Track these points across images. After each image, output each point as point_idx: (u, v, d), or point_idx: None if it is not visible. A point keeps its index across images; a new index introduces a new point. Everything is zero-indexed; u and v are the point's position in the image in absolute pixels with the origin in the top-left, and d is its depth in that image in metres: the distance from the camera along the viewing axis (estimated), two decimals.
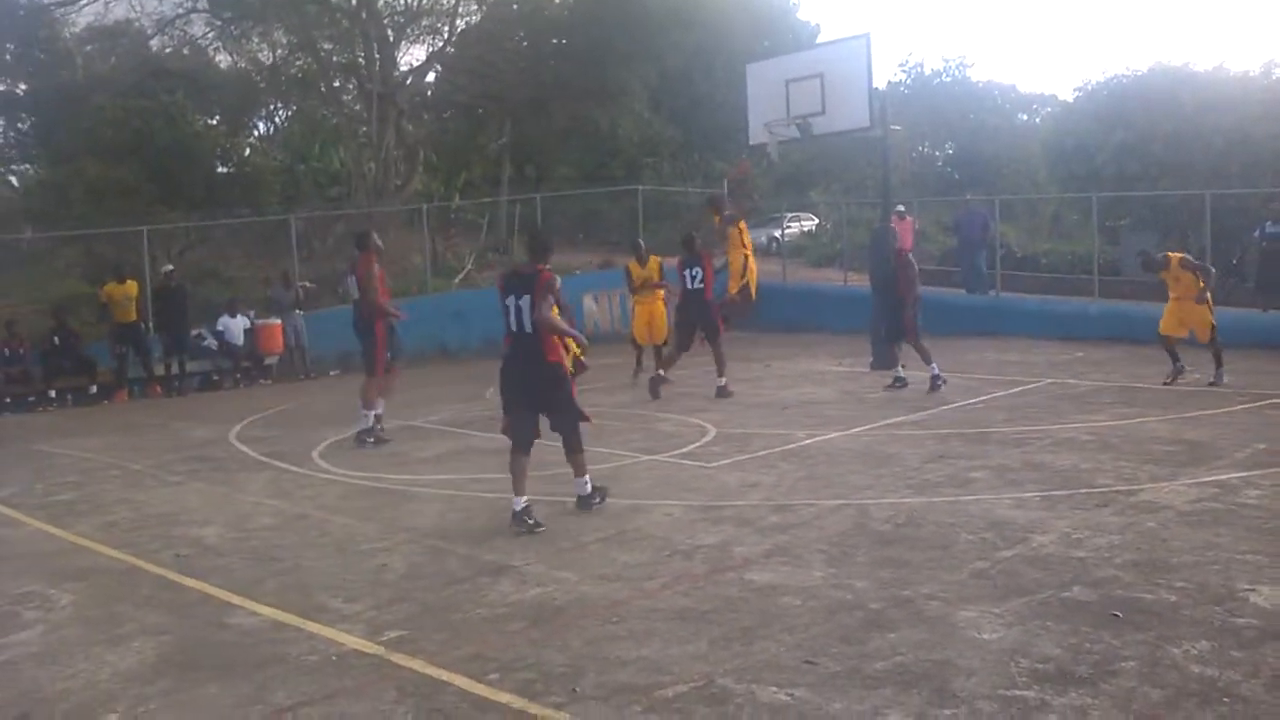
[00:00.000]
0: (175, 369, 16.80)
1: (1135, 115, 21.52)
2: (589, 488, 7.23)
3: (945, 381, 11.91)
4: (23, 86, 27.54)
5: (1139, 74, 23.55)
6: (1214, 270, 12.33)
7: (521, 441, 7.11)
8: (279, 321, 17.90)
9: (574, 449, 7.17)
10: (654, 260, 14.25)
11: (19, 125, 29.74)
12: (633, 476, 8.29)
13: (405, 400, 13.79)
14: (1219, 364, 11.65)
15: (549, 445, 7.34)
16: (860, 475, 7.85)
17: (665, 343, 13.76)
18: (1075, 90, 26.67)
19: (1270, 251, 15.68)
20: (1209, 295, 11.71)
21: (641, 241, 14.88)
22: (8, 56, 25.07)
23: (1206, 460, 7.80)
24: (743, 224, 13.32)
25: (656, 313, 14.06)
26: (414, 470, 9.02)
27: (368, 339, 10.78)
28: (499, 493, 7.84)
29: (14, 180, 29.70)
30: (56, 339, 16.01)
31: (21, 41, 23.82)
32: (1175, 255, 12.04)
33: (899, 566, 5.55)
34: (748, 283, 12.89)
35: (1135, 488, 7.06)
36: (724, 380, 12.46)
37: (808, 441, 9.33)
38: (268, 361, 17.99)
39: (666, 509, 7.10)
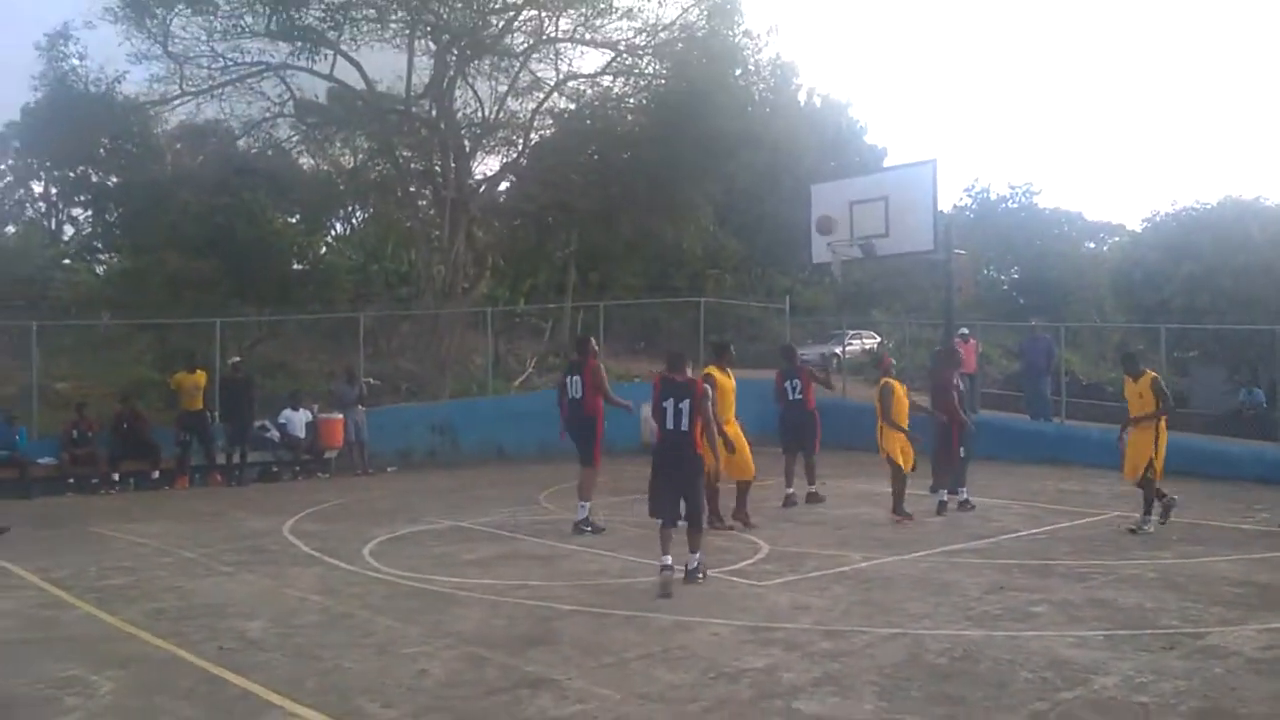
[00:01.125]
0: (237, 459, 17.03)
1: (1204, 248, 21.43)
2: (696, 563, 8.37)
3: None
4: (113, 179, 28.75)
5: (1208, 206, 23.55)
6: (1172, 405, 11.45)
7: (670, 517, 8.39)
8: (341, 416, 18.12)
9: (697, 528, 8.42)
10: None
11: (106, 216, 30.98)
12: (682, 592, 8.13)
13: (456, 501, 13.88)
14: (1147, 509, 10.84)
15: (589, 552, 7.27)
16: (917, 603, 7.63)
17: None
18: (1143, 220, 26.77)
19: None
20: (1160, 428, 10.81)
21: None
22: (102, 151, 26.20)
23: (1278, 605, 7.47)
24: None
25: None
26: (461, 573, 8.96)
27: (589, 433, 11.37)
28: (542, 600, 7.77)
29: (98, 270, 30.75)
30: (125, 424, 16.34)
31: (115, 136, 24.91)
32: (1151, 373, 11.20)
33: (954, 704, 5.33)
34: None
35: (1202, 630, 6.78)
36: (815, 486, 13.09)
37: (863, 565, 9.13)
38: (327, 455, 18.19)
39: (714, 628, 6.94)
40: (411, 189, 25.03)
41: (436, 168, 23.60)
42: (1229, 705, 5.28)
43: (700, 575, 8.35)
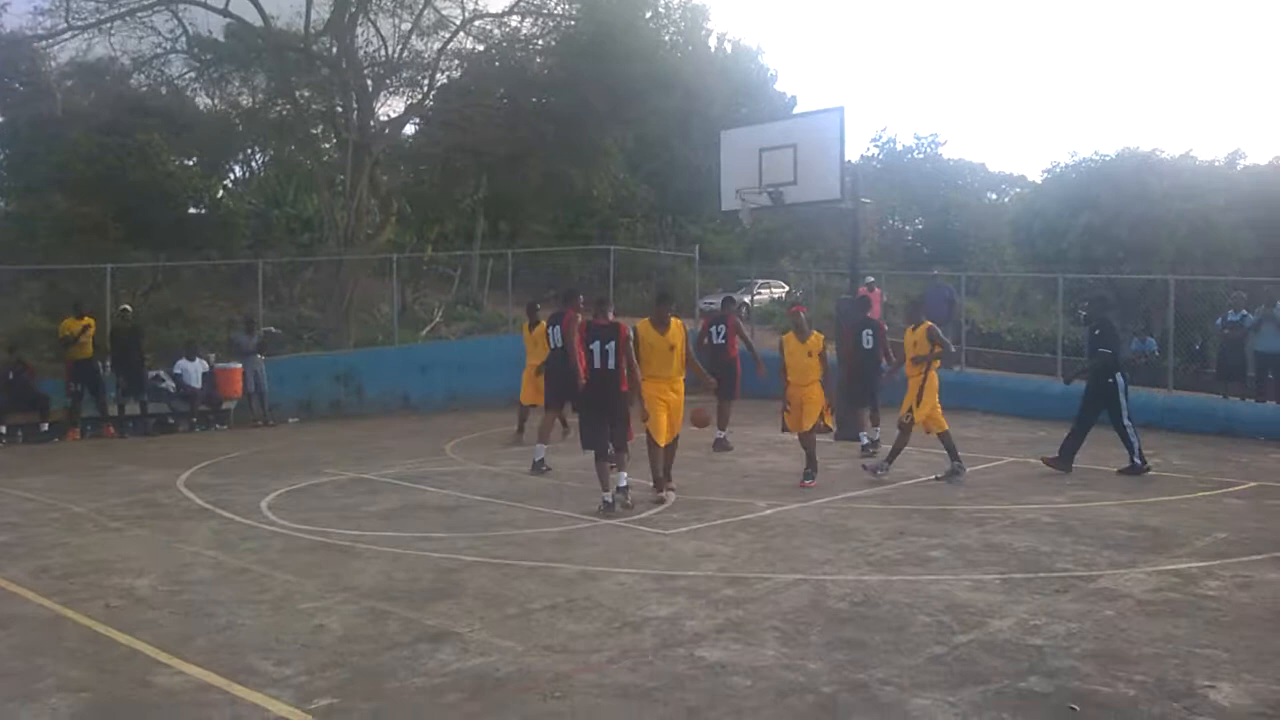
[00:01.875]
0: (134, 410, 16.46)
1: (1102, 199, 21.92)
2: (624, 480, 9.38)
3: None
4: None
5: (1107, 158, 24.02)
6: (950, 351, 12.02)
7: (601, 448, 9.30)
8: (239, 366, 17.59)
9: (622, 450, 9.43)
10: (542, 326, 13.62)
11: None
12: (587, 541, 8.11)
13: (360, 453, 13.62)
14: (953, 455, 11.04)
15: (495, 503, 7.16)
16: (819, 549, 7.72)
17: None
18: (1044, 172, 27.21)
19: (1231, 340, 15.84)
20: (930, 378, 11.06)
21: (538, 304, 15.29)
22: None
23: (1167, 548, 7.74)
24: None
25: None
26: (362, 526, 8.78)
27: (558, 379, 12.13)
28: (445, 552, 7.66)
29: None
30: (11, 375, 15.63)
31: (0, 73, 23.54)
32: (928, 322, 11.41)
33: (854, 648, 5.39)
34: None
35: (1094, 574, 6.97)
36: (724, 433, 13.39)
37: (768, 512, 9.19)
38: (225, 406, 17.66)
39: (619, 578, 6.92)
40: (313, 131, 24.25)
41: (339, 109, 22.89)
42: (1118, 647, 5.43)
43: (625, 499, 9.30)
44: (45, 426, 15.67)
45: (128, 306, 17.87)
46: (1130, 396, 11.44)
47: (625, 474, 9.49)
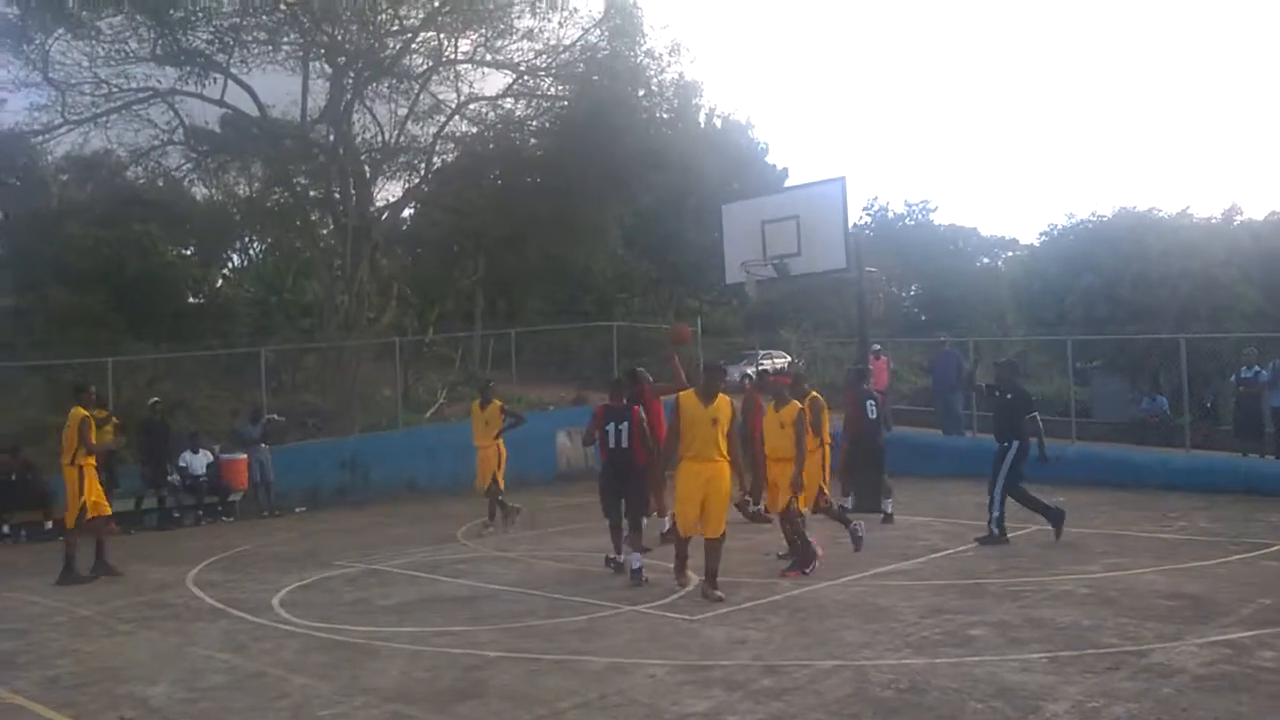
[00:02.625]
0: (150, 503, 16.30)
1: (1101, 259, 21.92)
2: (638, 562, 9.58)
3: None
4: None
5: (1104, 219, 24.11)
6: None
7: (616, 515, 9.96)
8: (244, 457, 17.37)
9: (636, 529, 9.86)
10: (495, 405, 14.06)
11: None
12: (612, 630, 7.84)
13: (369, 542, 13.38)
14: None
15: (514, 591, 6.91)
16: (854, 631, 7.45)
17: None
18: (1041, 234, 27.26)
19: (1246, 396, 15.70)
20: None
21: (491, 383, 15.12)
22: None
23: (1212, 616, 7.49)
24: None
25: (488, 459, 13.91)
26: (377, 620, 8.51)
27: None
28: (466, 648, 7.39)
29: None
30: (13, 474, 15.40)
31: None
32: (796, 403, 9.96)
33: None
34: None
35: (1143, 648, 6.72)
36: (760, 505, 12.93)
37: (795, 592, 8.93)
38: (231, 498, 17.39)
39: (650, 669, 6.65)
40: (311, 217, 24.32)
41: (336, 195, 22.97)
42: None
43: (639, 580, 9.45)
44: (49, 525, 15.37)
45: (158, 399, 17.74)
46: (1146, 455, 11.23)
47: (639, 555, 9.61)
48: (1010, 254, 54.89)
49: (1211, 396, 20.04)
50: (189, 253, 29.82)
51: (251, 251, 36.59)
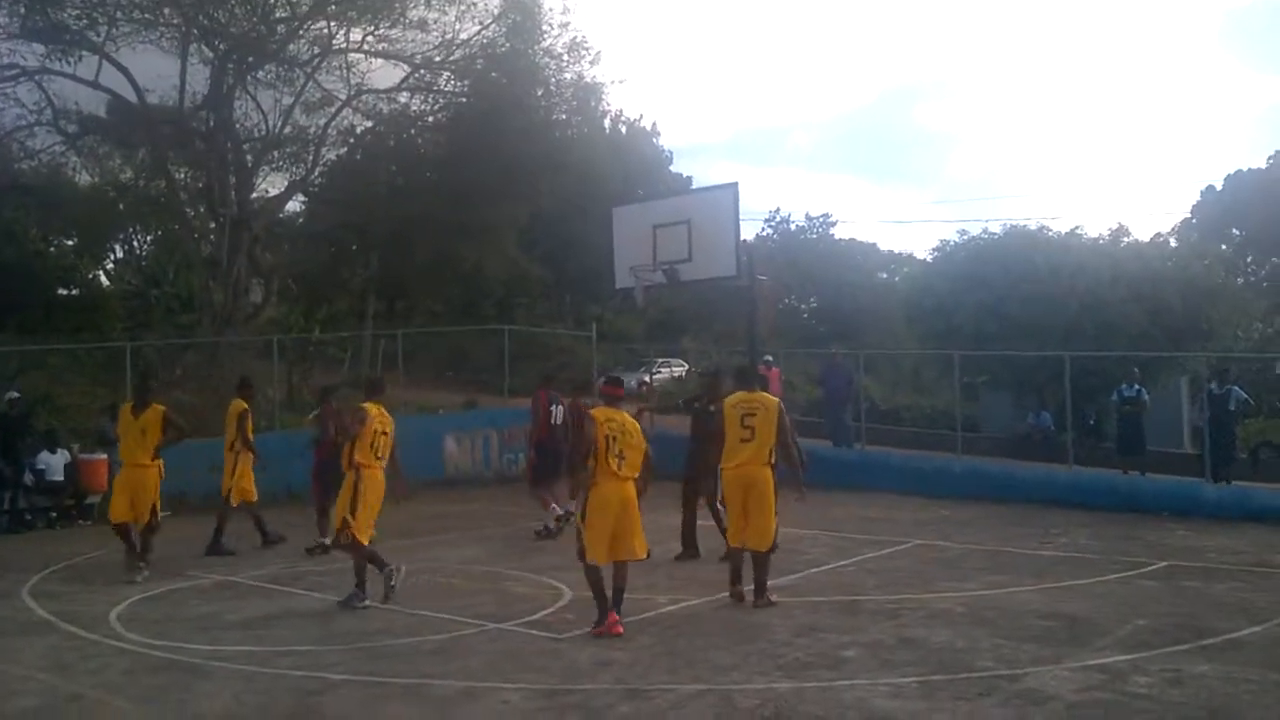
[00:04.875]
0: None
1: (993, 276, 22.07)
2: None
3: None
4: None
5: (995, 236, 24.37)
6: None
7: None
8: (104, 456, 16.32)
9: None
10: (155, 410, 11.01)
11: None
12: (472, 650, 7.36)
13: (237, 550, 12.58)
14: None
15: (375, 608, 6.36)
16: (725, 652, 7.09)
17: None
18: (933, 251, 27.44)
19: (1127, 415, 15.89)
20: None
21: (152, 383, 12.46)
22: None
23: (1088, 638, 7.32)
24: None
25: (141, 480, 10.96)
26: (221, 638, 7.85)
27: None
28: (309, 670, 6.84)
29: None
30: None
31: None
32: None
33: None
34: None
35: (1017, 672, 6.50)
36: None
37: (670, 608, 8.55)
38: (90, 501, 16.31)
39: (504, 695, 6.19)
40: (188, 208, 23.24)
41: (215, 185, 21.98)
42: None
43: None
44: None
45: (17, 394, 16.60)
46: (1029, 471, 11.11)
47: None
48: (906, 270, 55.83)
49: (1094, 413, 20.32)
50: (70, 243, 28.44)
51: (134, 242, 35.14)
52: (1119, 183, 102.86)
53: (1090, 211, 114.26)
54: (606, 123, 41.07)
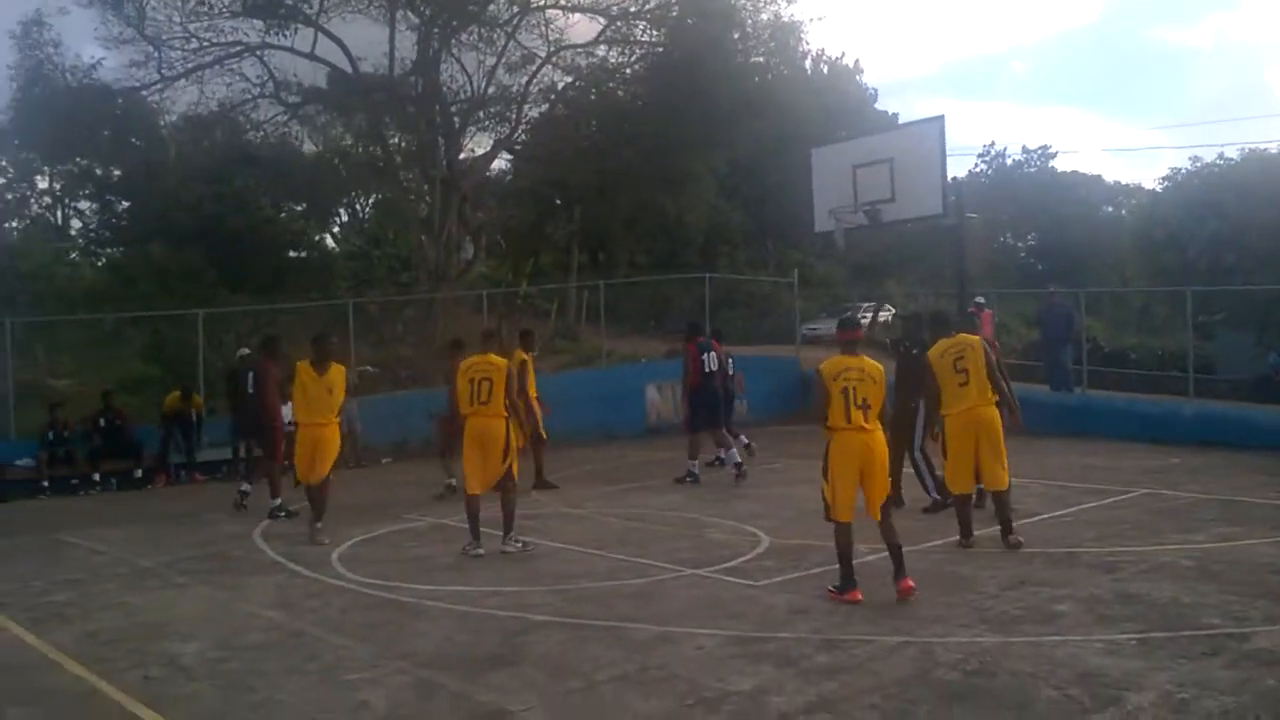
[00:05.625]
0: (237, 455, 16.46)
1: (1229, 205, 20.36)
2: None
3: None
4: (117, 172, 28.05)
5: (1232, 162, 22.43)
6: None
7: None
8: None
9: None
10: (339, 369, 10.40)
11: (115, 209, 30.43)
12: (669, 595, 7.42)
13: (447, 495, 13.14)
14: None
15: (574, 550, 6.50)
16: (928, 603, 6.87)
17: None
18: (1163, 180, 25.51)
19: None
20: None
21: (334, 339, 11.44)
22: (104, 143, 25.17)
23: None
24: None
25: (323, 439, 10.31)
26: (433, 579, 8.22)
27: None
28: (514, 610, 7.07)
29: (101, 263, 30.22)
30: (103, 421, 15.71)
31: (117, 129, 23.66)
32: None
33: None
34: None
35: (1248, 630, 5.99)
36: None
37: (870, 558, 8.35)
38: None
39: (699, 640, 6.21)
40: (403, 171, 24.28)
41: (426, 146, 22.84)
42: None
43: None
44: (138, 473, 15.68)
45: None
46: (1269, 415, 10.15)
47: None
48: (1134, 202, 52.27)
49: None
50: (300, 209, 30.22)
51: (357, 206, 37.15)
52: None
53: None
54: (807, 63, 40.06)
